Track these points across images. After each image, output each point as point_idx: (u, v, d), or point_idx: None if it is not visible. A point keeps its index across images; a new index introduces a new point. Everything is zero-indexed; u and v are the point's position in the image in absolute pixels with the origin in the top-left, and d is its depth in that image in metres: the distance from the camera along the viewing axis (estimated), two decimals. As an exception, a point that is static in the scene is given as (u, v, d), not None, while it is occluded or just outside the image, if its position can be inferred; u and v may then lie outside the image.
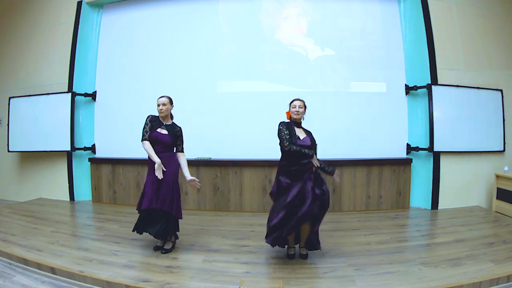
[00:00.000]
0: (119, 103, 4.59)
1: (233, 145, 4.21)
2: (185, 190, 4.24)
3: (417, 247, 2.81)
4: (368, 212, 4.02)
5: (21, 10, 5.03)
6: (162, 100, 2.68)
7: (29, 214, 3.83)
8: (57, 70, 4.65)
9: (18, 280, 2.35)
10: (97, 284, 2.23)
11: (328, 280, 2.24)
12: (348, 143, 4.15)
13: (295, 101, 2.54)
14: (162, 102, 2.67)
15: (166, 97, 2.71)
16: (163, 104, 2.66)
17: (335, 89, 4.31)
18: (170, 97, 2.74)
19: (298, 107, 2.51)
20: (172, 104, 2.74)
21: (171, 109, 2.75)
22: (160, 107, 2.67)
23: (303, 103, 2.54)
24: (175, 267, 2.44)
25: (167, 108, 2.68)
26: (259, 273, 2.34)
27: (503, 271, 2.23)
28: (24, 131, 4.64)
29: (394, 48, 4.30)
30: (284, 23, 4.38)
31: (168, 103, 2.69)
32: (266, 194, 4.06)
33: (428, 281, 2.15)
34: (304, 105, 2.55)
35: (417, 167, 4.22)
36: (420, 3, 4.10)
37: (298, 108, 2.50)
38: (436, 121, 3.98)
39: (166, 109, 2.68)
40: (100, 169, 4.57)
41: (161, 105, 2.66)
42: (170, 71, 4.47)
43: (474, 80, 4.11)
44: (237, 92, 4.32)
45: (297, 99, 2.56)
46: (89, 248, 2.78)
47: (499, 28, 4.24)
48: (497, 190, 3.87)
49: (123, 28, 4.68)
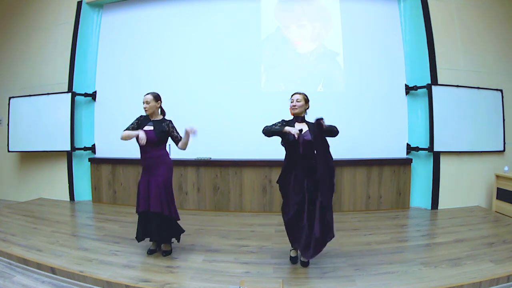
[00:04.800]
0: (119, 103, 4.58)
1: (233, 145, 4.21)
2: (185, 190, 4.24)
3: (417, 247, 2.81)
4: (368, 212, 4.02)
5: (21, 10, 5.02)
6: (146, 98, 2.62)
7: (29, 214, 3.83)
8: (57, 70, 4.65)
9: (18, 280, 2.34)
10: (97, 284, 2.22)
11: (328, 280, 2.24)
12: (348, 143, 4.13)
13: (294, 95, 2.45)
14: (145, 100, 2.62)
15: (151, 94, 2.64)
16: (146, 102, 2.61)
17: (335, 89, 4.31)
18: (156, 93, 2.67)
19: (295, 101, 2.41)
20: (157, 101, 2.66)
21: (158, 106, 2.68)
22: (144, 105, 2.62)
23: (302, 97, 2.42)
24: (175, 267, 2.44)
25: (150, 106, 2.61)
26: (259, 273, 2.34)
27: (503, 271, 2.23)
28: (24, 131, 4.63)
29: (394, 48, 4.30)
30: (283, 23, 4.39)
31: (152, 101, 2.62)
32: (266, 194, 4.07)
33: (428, 281, 2.15)
34: (304, 98, 2.43)
35: (417, 167, 4.22)
36: (420, 3, 4.10)
37: (295, 102, 2.40)
38: (436, 121, 3.98)
39: (150, 107, 2.61)
40: (100, 169, 4.57)
41: (144, 103, 2.62)
42: (170, 71, 4.47)
43: (474, 80, 4.11)
44: (237, 92, 4.32)
45: (296, 93, 2.45)
46: (89, 248, 2.78)
47: (499, 28, 4.24)
48: (497, 190, 3.87)
49: (123, 28, 4.68)
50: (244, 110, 4.26)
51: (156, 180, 2.55)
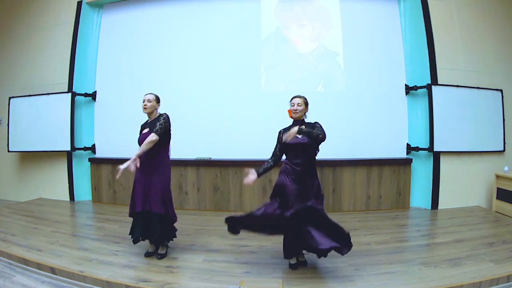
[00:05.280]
0: (119, 103, 4.59)
1: (233, 145, 4.21)
2: (185, 190, 4.24)
3: (417, 247, 2.81)
4: (368, 212, 4.02)
5: (21, 10, 5.02)
6: (147, 97, 2.61)
7: (29, 214, 3.83)
8: (57, 70, 4.66)
9: (18, 280, 2.35)
10: (97, 284, 2.23)
11: (328, 280, 2.24)
12: (348, 143, 4.14)
13: (294, 99, 2.40)
14: (147, 98, 2.60)
15: (153, 94, 2.66)
16: (148, 100, 2.60)
17: (335, 89, 4.31)
18: (157, 95, 2.69)
19: (296, 105, 2.36)
20: (158, 103, 2.67)
21: (157, 107, 2.67)
22: (144, 103, 2.60)
23: (303, 100, 2.39)
24: (175, 267, 2.44)
25: (151, 105, 2.60)
26: (259, 273, 2.34)
27: (503, 271, 2.23)
28: (24, 131, 4.63)
29: (394, 48, 4.30)
30: (283, 23, 4.39)
31: (153, 100, 2.62)
32: (266, 194, 4.06)
33: (428, 281, 2.16)
34: (304, 102, 2.39)
35: (417, 167, 4.22)
36: (420, 3, 4.10)
37: (296, 106, 2.36)
38: (436, 121, 3.98)
39: (150, 106, 2.60)
40: (100, 169, 4.57)
41: (145, 101, 2.60)
42: (170, 71, 4.47)
43: (474, 80, 4.11)
44: (237, 92, 4.32)
45: (296, 96, 2.41)
46: (89, 248, 2.78)
47: (499, 28, 4.25)
48: (497, 190, 3.87)
49: (123, 28, 4.68)
50: (244, 110, 4.26)
51: (157, 181, 2.52)
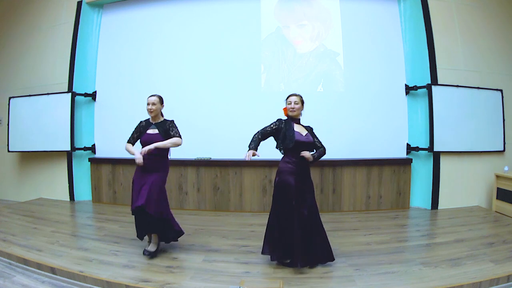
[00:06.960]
0: (119, 103, 4.59)
1: (233, 145, 4.19)
2: (185, 190, 4.24)
3: (417, 247, 2.81)
4: (368, 212, 4.02)
5: (21, 10, 5.02)
6: (152, 99, 2.59)
7: (29, 214, 3.83)
8: (57, 70, 4.66)
9: (18, 280, 2.34)
10: (97, 284, 2.22)
11: (328, 280, 2.24)
12: (348, 143, 4.14)
13: (290, 97, 2.42)
14: (151, 101, 2.58)
15: (157, 96, 2.63)
16: (153, 103, 2.58)
17: (335, 89, 4.31)
18: (160, 96, 2.67)
19: (293, 103, 2.38)
20: (162, 104, 2.67)
21: (162, 109, 2.68)
22: (149, 106, 2.58)
23: (299, 99, 2.41)
24: (175, 267, 2.44)
25: (157, 107, 2.60)
26: (259, 273, 2.34)
27: (503, 271, 2.23)
28: (24, 131, 4.63)
29: (394, 48, 4.30)
30: (283, 23, 4.39)
31: (158, 103, 2.61)
32: (266, 194, 4.07)
33: (428, 281, 2.15)
34: (300, 100, 2.42)
35: (417, 167, 4.22)
36: (420, 3, 4.10)
37: (293, 105, 2.38)
38: (436, 121, 3.98)
39: (156, 109, 2.59)
40: (100, 169, 4.57)
41: (150, 104, 2.58)
42: (170, 71, 4.47)
43: (474, 80, 4.11)
44: (237, 92, 4.32)
45: (293, 94, 2.43)
46: (89, 248, 2.78)
47: (499, 28, 4.25)
48: (497, 190, 3.87)
49: (123, 28, 4.68)
50: (244, 110, 4.26)
51: (150, 178, 2.55)
